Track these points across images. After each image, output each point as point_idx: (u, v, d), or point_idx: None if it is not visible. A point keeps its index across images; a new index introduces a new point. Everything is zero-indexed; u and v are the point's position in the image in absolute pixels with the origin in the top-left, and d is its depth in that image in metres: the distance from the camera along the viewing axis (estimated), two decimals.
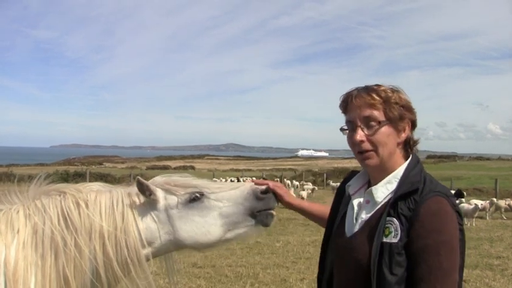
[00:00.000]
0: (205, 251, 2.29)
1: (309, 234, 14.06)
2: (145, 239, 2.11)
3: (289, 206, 2.44)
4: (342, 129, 1.96)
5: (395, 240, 1.70)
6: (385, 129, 1.84)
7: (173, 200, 2.18)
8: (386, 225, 1.74)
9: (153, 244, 2.16)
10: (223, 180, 35.62)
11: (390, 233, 1.72)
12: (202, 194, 2.18)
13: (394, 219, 1.74)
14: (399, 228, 1.71)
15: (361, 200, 1.95)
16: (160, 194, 2.18)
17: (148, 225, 2.13)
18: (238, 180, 37.64)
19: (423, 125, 1.99)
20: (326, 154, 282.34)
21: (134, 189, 2.19)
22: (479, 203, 18.01)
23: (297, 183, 36.23)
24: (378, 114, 1.84)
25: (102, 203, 2.09)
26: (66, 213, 2.03)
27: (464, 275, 1.79)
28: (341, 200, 2.10)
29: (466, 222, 16.65)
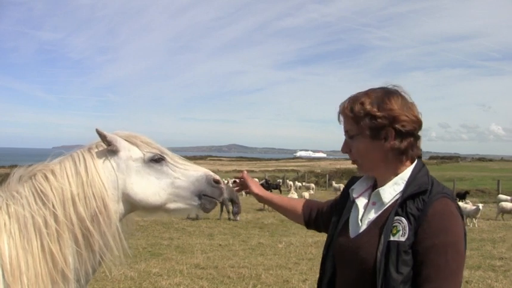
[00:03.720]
0: (147, 213, 2.33)
1: (311, 235, 14.04)
2: (108, 187, 2.15)
3: (258, 197, 2.64)
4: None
5: (403, 239, 1.71)
6: (360, 142, 1.90)
7: (137, 153, 2.25)
8: (394, 224, 1.76)
9: (115, 195, 2.20)
10: (226, 181, 35.66)
11: (398, 231, 1.74)
12: (163, 159, 2.27)
13: (403, 218, 1.75)
14: (407, 227, 1.72)
15: (366, 201, 1.98)
16: (123, 144, 2.26)
17: (110, 173, 2.19)
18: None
19: (426, 126, 1.99)
20: (324, 155, 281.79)
21: (97, 143, 2.28)
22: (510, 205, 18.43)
23: (299, 184, 36.23)
24: (352, 127, 1.91)
25: (66, 166, 2.16)
26: (39, 190, 2.09)
27: (466, 276, 1.83)
28: (345, 204, 2.10)
29: (468, 223, 16.68)
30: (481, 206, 17.54)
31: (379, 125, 1.85)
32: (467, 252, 1.84)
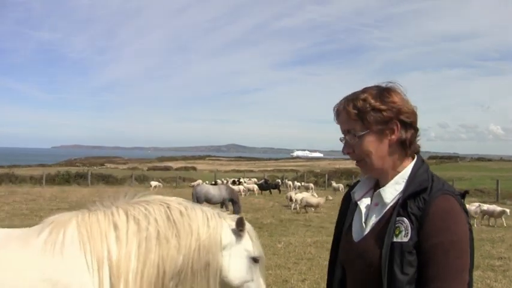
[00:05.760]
0: None
1: (311, 235, 14.06)
2: (221, 251, 2.52)
3: None
4: (341, 140, 1.97)
5: (405, 240, 1.69)
6: (367, 138, 1.84)
7: (249, 247, 2.65)
8: (397, 225, 1.73)
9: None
10: (225, 181, 35.64)
11: (401, 232, 1.71)
12: (257, 262, 2.66)
13: (405, 218, 1.72)
14: (409, 227, 1.70)
15: (369, 203, 1.94)
16: (246, 235, 2.66)
17: (226, 244, 2.55)
18: (240, 181, 37.27)
19: (425, 126, 1.96)
20: (321, 155, 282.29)
21: (221, 213, 2.70)
22: None
23: (298, 184, 36.24)
24: (356, 125, 1.84)
25: (198, 215, 2.52)
26: (170, 217, 2.43)
27: None
28: (348, 206, 2.08)
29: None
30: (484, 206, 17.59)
31: (385, 119, 1.82)
32: None
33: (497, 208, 17.47)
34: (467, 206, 17.23)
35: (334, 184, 35.16)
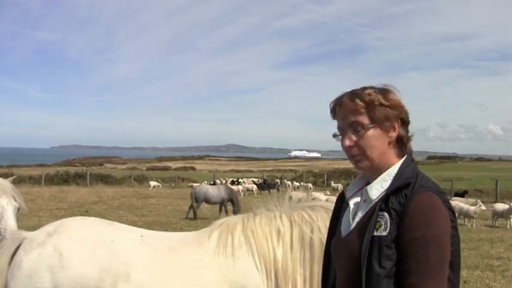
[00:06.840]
0: None
1: None
2: None
3: None
4: (335, 135, 1.98)
5: (384, 233, 1.71)
6: (372, 132, 1.86)
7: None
8: (378, 220, 1.76)
9: None
10: (224, 181, 35.66)
11: (380, 226, 1.74)
12: None
13: (385, 213, 1.75)
14: (389, 222, 1.72)
15: (358, 200, 1.97)
16: None
17: None
18: (238, 181, 37.26)
19: (424, 126, 1.98)
20: (318, 155, 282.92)
21: None
22: None
23: (297, 184, 36.28)
24: (363, 118, 1.86)
25: None
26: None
27: (464, 275, 1.80)
28: (341, 206, 2.11)
29: (466, 223, 16.71)
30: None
31: (390, 115, 1.86)
32: (465, 252, 1.83)
33: (506, 206, 17.41)
34: (471, 206, 17.12)
35: (333, 184, 35.29)
